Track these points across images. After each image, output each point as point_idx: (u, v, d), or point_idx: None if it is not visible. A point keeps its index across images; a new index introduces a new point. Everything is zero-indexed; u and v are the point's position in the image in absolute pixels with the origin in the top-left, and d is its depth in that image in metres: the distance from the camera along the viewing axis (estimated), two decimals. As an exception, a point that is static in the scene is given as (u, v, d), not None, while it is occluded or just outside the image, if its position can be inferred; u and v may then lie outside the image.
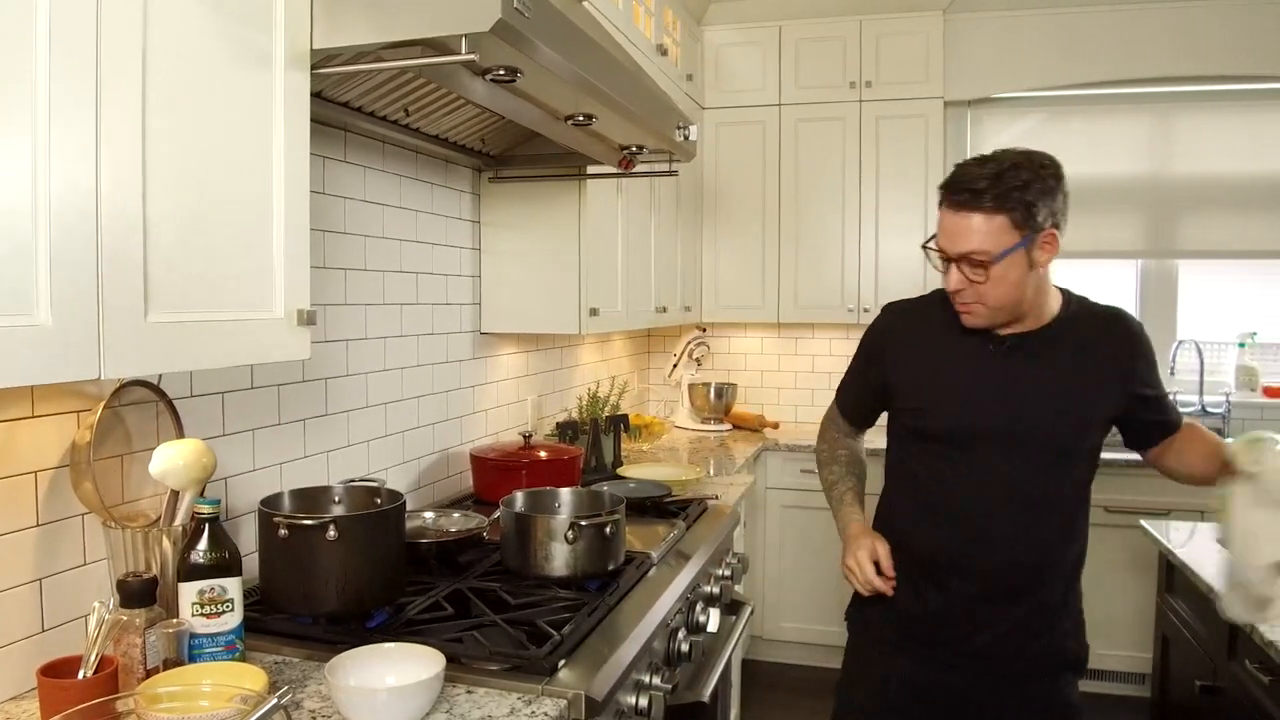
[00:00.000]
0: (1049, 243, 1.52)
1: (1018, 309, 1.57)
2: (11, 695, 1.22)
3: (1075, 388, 1.58)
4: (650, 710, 1.47)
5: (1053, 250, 1.54)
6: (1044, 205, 1.49)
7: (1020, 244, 1.48)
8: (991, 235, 1.48)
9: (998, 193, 1.47)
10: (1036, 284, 1.56)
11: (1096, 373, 1.58)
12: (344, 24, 1.27)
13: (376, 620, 1.48)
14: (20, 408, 1.23)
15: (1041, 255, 1.53)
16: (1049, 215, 1.50)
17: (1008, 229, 1.48)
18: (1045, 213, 1.49)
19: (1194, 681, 2.13)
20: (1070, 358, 1.58)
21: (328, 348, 1.90)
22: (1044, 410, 1.57)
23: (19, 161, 0.87)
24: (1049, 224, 1.51)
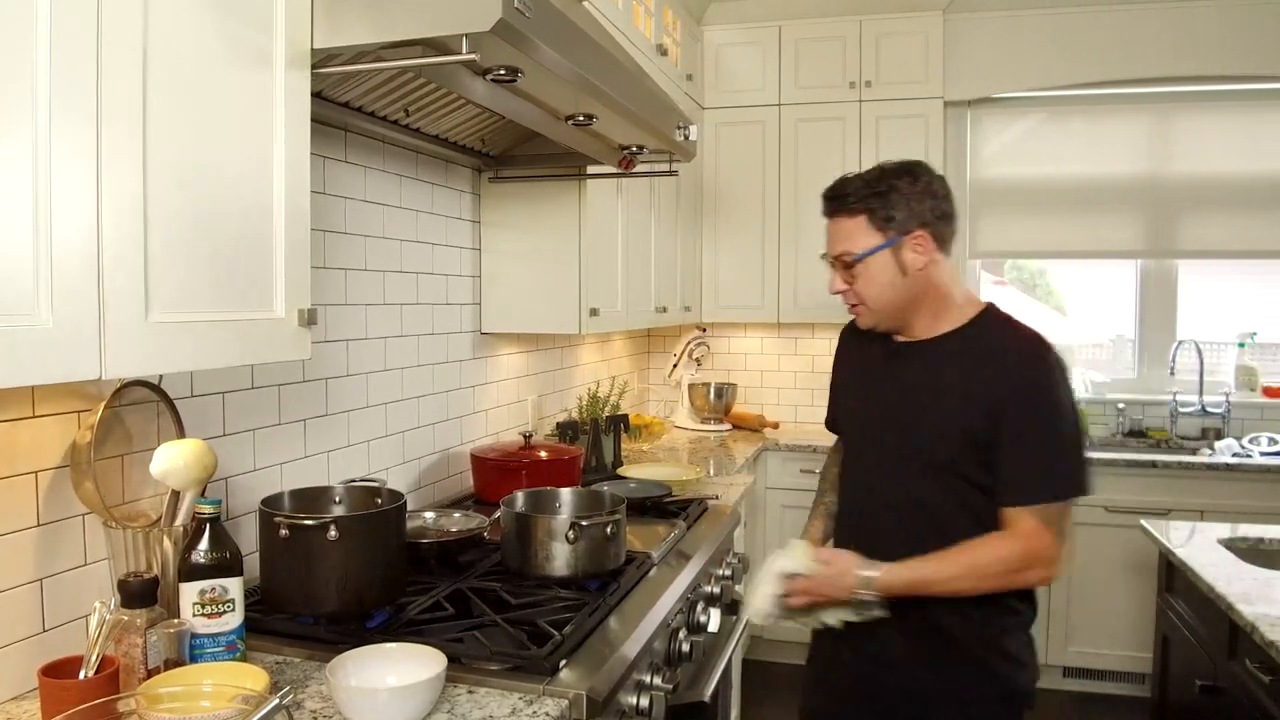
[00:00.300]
0: (920, 246, 1.53)
1: (900, 311, 1.58)
2: (12, 695, 1.22)
3: (942, 401, 1.55)
4: (651, 710, 1.47)
5: (926, 253, 1.54)
6: (904, 207, 1.52)
7: (884, 244, 1.53)
8: (854, 236, 1.56)
9: (858, 196, 1.55)
10: (921, 288, 1.56)
11: (965, 392, 1.53)
12: (344, 24, 1.27)
13: (377, 620, 1.48)
14: (21, 408, 1.23)
15: (914, 257, 1.54)
16: (912, 217, 1.52)
17: (868, 229, 1.54)
18: (906, 214, 1.52)
19: (1194, 681, 2.13)
20: (952, 371, 1.55)
21: (328, 348, 1.90)
22: (909, 416, 1.58)
23: (20, 160, 0.87)
24: (915, 226, 1.53)
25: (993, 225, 4.13)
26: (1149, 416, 3.98)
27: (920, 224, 1.53)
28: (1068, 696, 3.58)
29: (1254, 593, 1.92)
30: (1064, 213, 4.03)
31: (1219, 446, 3.61)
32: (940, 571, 1.50)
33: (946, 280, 1.59)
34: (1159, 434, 3.91)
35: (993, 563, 1.49)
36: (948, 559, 1.49)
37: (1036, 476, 1.47)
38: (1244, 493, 3.41)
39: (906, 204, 1.53)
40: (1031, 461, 1.47)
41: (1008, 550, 1.48)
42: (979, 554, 1.49)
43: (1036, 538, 1.46)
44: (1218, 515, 3.32)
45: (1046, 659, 3.59)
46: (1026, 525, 1.47)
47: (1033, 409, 1.47)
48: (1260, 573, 2.07)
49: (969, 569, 1.49)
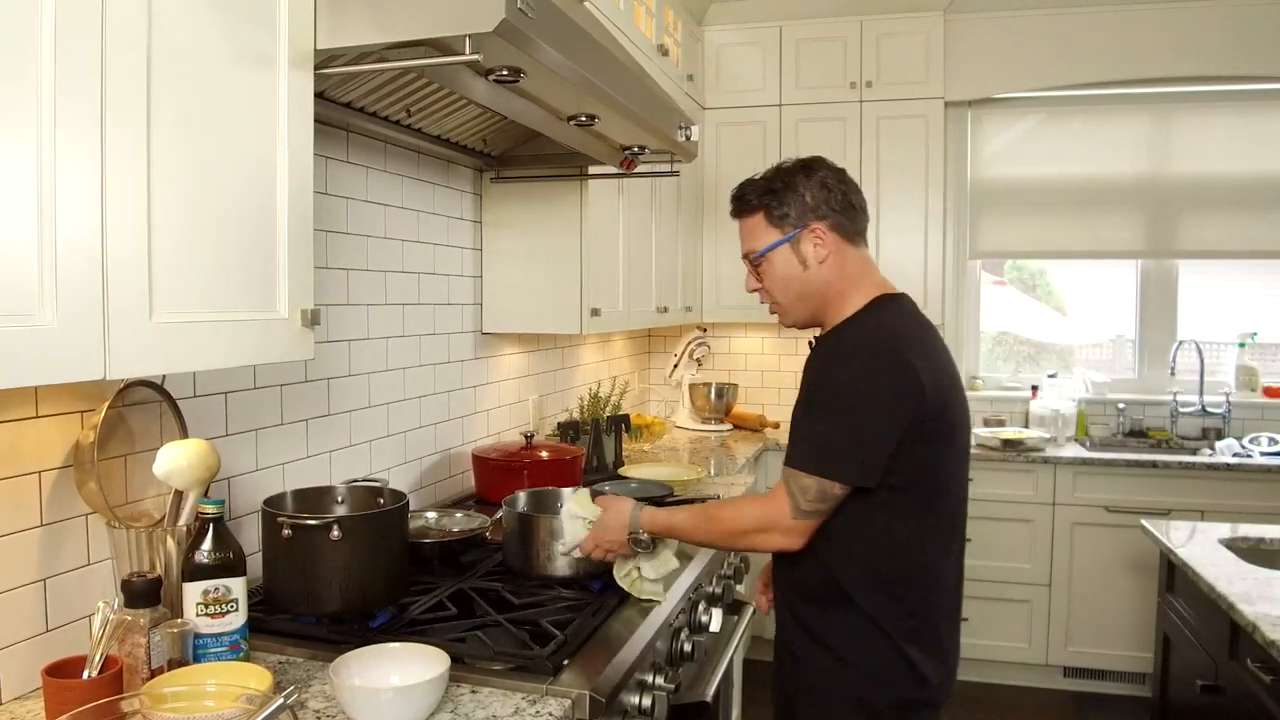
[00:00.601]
0: (818, 239, 1.53)
1: (809, 305, 1.59)
2: (16, 695, 1.22)
3: (802, 382, 1.56)
4: (654, 710, 1.47)
5: (825, 246, 1.54)
6: (797, 201, 1.53)
7: (782, 240, 1.55)
8: (753, 234, 1.59)
9: (755, 194, 1.58)
10: (825, 281, 1.55)
11: (807, 374, 1.55)
12: (347, 24, 1.27)
13: (380, 620, 1.48)
14: (24, 408, 1.23)
15: (813, 250, 1.54)
16: (807, 211, 1.53)
17: (764, 226, 1.56)
18: (800, 208, 1.53)
19: (1195, 681, 2.13)
20: (818, 357, 1.56)
21: (330, 348, 1.90)
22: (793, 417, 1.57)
23: (24, 162, 0.87)
24: (811, 219, 1.53)
25: (993, 225, 4.13)
26: (1149, 416, 3.98)
27: (817, 217, 1.53)
28: (1068, 696, 3.58)
29: (1255, 592, 1.93)
30: (1065, 213, 4.04)
31: (1219, 446, 3.61)
32: (687, 520, 1.57)
33: (853, 273, 1.57)
34: (1159, 434, 3.92)
35: (735, 518, 1.52)
36: (699, 510, 1.60)
37: (794, 443, 1.48)
38: (1244, 493, 3.41)
39: (800, 199, 1.54)
40: (797, 429, 1.49)
41: (751, 509, 1.51)
42: (725, 509, 1.56)
43: (776, 502, 1.46)
44: (1218, 515, 3.32)
45: (1047, 659, 3.60)
46: (776, 488, 1.48)
47: (818, 386, 1.48)
48: (1261, 572, 2.07)
49: (711, 520, 1.55)
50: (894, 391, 1.41)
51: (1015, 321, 4.31)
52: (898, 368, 1.42)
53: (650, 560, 1.65)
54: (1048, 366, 4.19)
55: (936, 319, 3.75)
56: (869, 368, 1.44)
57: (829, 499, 1.43)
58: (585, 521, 1.64)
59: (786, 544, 1.47)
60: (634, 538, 1.60)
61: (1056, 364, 4.21)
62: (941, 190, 3.78)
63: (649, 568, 1.65)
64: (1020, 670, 3.66)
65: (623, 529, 1.60)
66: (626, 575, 1.66)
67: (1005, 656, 3.63)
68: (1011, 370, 4.26)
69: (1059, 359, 4.24)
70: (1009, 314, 4.31)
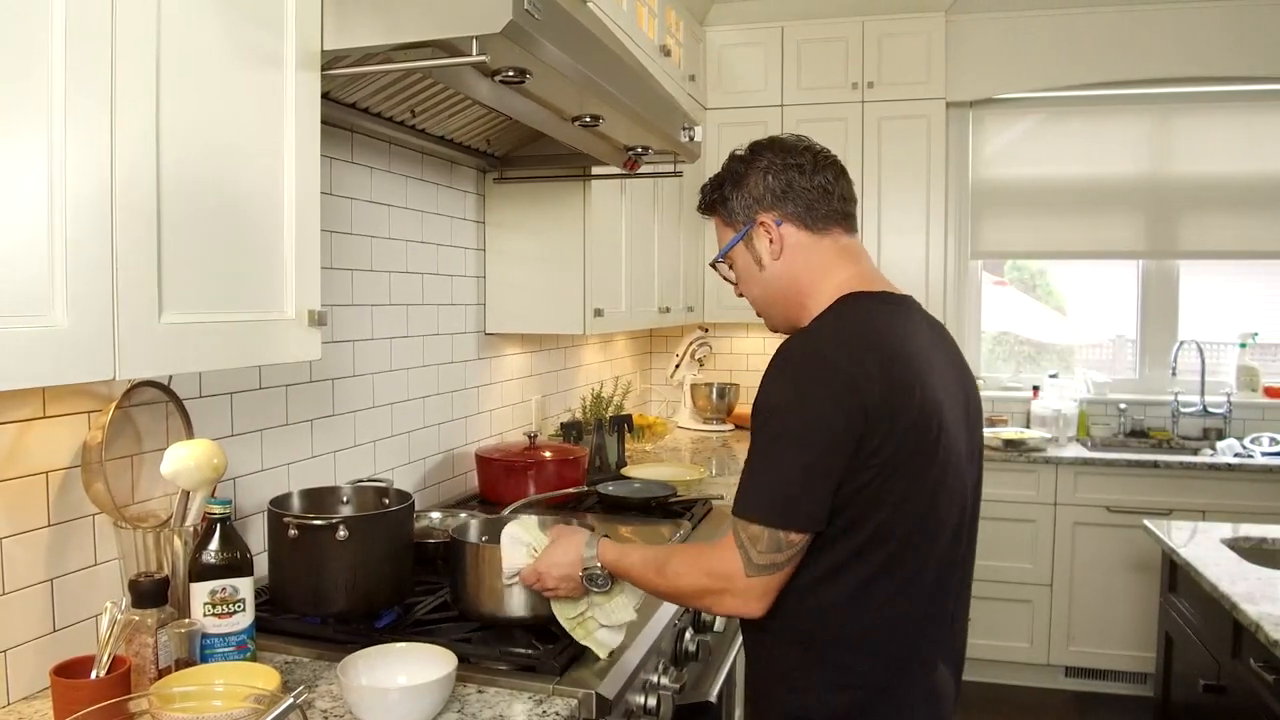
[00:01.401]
0: (767, 232, 1.34)
1: (780, 307, 1.39)
2: (24, 695, 1.22)
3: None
4: (659, 709, 1.48)
5: (777, 241, 1.34)
6: (736, 195, 1.37)
7: (736, 239, 1.38)
8: (718, 234, 1.45)
9: (706, 196, 1.44)
10: (789, 278, 1.35)
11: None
12: (354, 25, 1.27)
13: (385, 620, 1.48)
14: (32, 408, 1.24)
15: (764, 247, 1.35)
16: (752, 203, 1.35)
17: (723, 227, 1.42)
18: (743, 201, 1.36)
19: (1198, 681, 2.13)
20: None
21: (335, 348, 1.91)
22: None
23: (35, 163, 0.87)
24: (757, 211, 1.35)
25: (994, 226, 4.13)
26: (1150, 417, 3.98)
27: (763, 208, 1.35)
28: (1070, 696, 3.59)
29: (1257, 592, 1.93)
30: (1066, 213, 4.04)
31: (1220, 447, 3.62)
32: (638, 564, 1.33)
33: (819, 268, 1.34)
34: (1160, 434, 3.92)
35: (684, 573, 1.27)
36: (652, 557, 1.32)
37: (738, 489, 1.23)
38: (1245, 493, 3.41)
39: (744, 191, 1.36)
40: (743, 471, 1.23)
41: (701, 564, 1.25)
42: (676, 560, 1.29)
43: (726, 557, 1.21)
44: (1219, 515, 3.32)
45: (1049, 659, 3.60)
46: (725, 540, 1.23)
47: (753, 413, 1.24)
48: (1263, 572, 2.08)
49: (660, 573, 1.30)
50: (830, 410, 1.16)
51: (1016, 321, 4.32)
52: (830, 379, 1.17)
53: (606, 603, 1.38)
54: (1048, 366, 4.20)
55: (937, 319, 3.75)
56: (800, 387, 1.19)
57: (786, 549, 1.17)
58: (529, 549, 1.40)
59: (744, 609, 1.22)
60: (589, 573, 1.35)
61: (1057, 364, 4.21)
62: (943, 190, 3.78)
63: (604, 612, 1.38)
64: (1022, 670, 3.67)
65: (575, 562, 1.36)
66: (575, 618, 1.39)
67: (1007, 656, 3.64)
68: (1012, 370, 4.26)
69: (1059, 359, 4.25)
70: (1009, 314, 4.32)
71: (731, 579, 1.20)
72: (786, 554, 1.18)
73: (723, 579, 1.21)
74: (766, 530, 1.17)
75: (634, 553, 1.36)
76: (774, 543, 1.17)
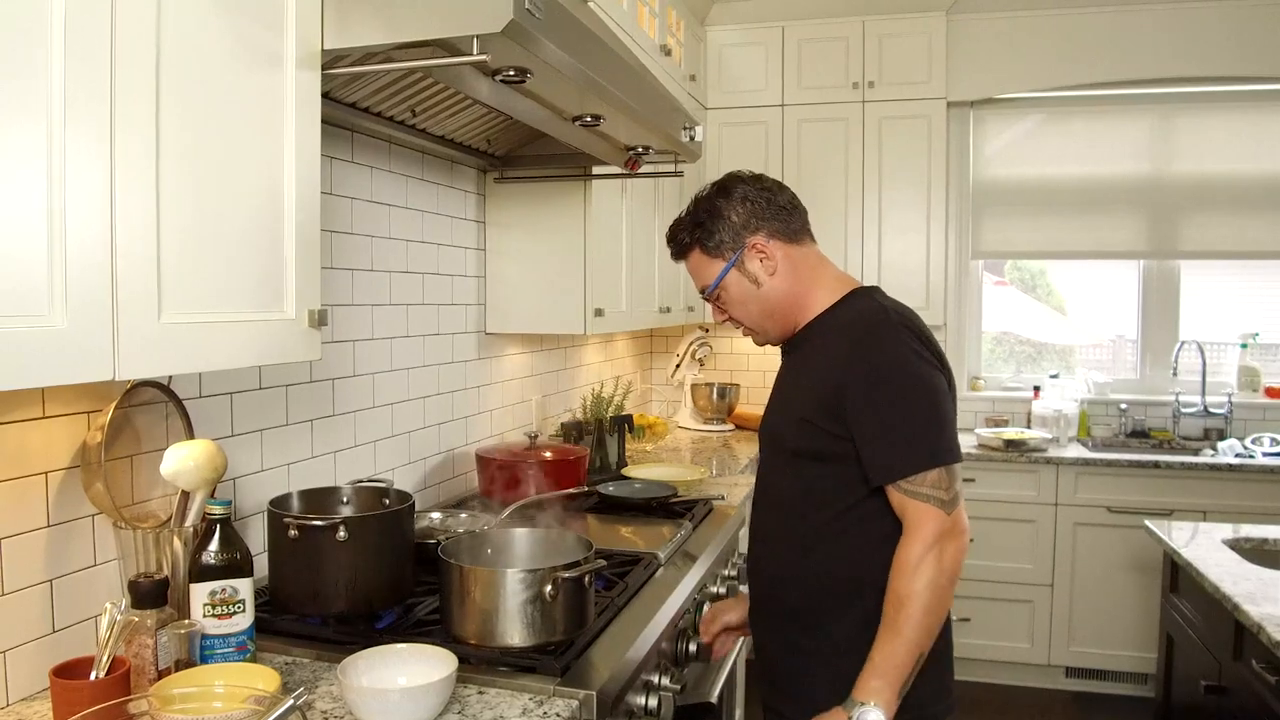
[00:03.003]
0: (761, 253, 1.50)
1: (778, 318, 1.55)
2: (23, 696, 1.22)
3: (798, 383, 1.52)
4: (660, 710, 1.47)
5: (771, 259, 1.50)
6: (724, 227, 1.50)
7: (727, 267, 1.52)
8: (699, 271, 1.56)
9: (684, 235, 1.56)
10: (784, 289, 1.52)
11: (812, 371, 1.47)
12: (354, 24, 1.27)
13: (385, 621, 1.48)
14: (31, 408, 1.23)
15: (759, 267, 1.51)
16: (740, 230, 1.50)
17: (707, 261, 1.54)
18: (730, 231, 1.50)
19: (1199, 681, 2.13)
20: (811, 355, 1.50)
21: (335, 348, 1.90)
22: (777, 405, 1.57)
23: (34, 162, 0.87)
24: (746, 236, 1.50)
25: (995, 226, 4.13)
26: (1151, 417, 3.98)
27: (750, 231, 1.50)
28: (1071, 696, 3.59)
29: (1259, 593, 1.93)
30: (1066, 213, 4.04)
31: (1221, 447, 3.61)
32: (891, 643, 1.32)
33: (809, 273, 1.53)
34: (1161, 434, 3.92)
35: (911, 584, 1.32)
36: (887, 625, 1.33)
37: (882, 450, 1.36)
38: (1246, 493, 3.41)
39: (727, 221, 1.50)
40: (871, 430, 1.37)
41: (911, 555, 1.33)
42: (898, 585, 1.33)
43: (923, 521, 1.33)
44: (1220, 515, 3.32)
45: (1050, 659, 3.60)
46: (908, 514, 1.35)
47: (868, 387, 1.37)
48: (1265, 573, 2.07)
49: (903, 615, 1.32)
50: (931, 370, 1.39)
51: (1016, 322, 4.32)
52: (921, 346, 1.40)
53: None
54: (1048, 367, 4.20)
55: (938, 319, 3.75)
56: (903, 347, 1.38)
57: (957, 478, 1.36)
58: None
59: (962, 542, 1.35)
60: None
61: (1057, 364, 4.21)
62: (943, 190, 3.78)
63: None
64: (1022, 670, 3.67)
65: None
66: None
67: (1007, 657, 3.63)
68: (1013, 370, 4.26)
69: (1059, 359, 4.24)
70: (1010, 314, 4.32)
71: (941, 528, 1.33)
72: (959, 481, 1.37)
73: (936, 537, 1.33)
74: (941, 470, 1.34)
75: (877, 653, 1.33)
76: (950, 476, 1.36)
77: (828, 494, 1.44)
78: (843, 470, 1.42)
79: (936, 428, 1.37)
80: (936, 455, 1.35)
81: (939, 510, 1.33)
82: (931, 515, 1.33)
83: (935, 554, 1.33)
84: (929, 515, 1.33)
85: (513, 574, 1.32)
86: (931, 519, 1.33)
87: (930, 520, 1.33)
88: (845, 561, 1.43)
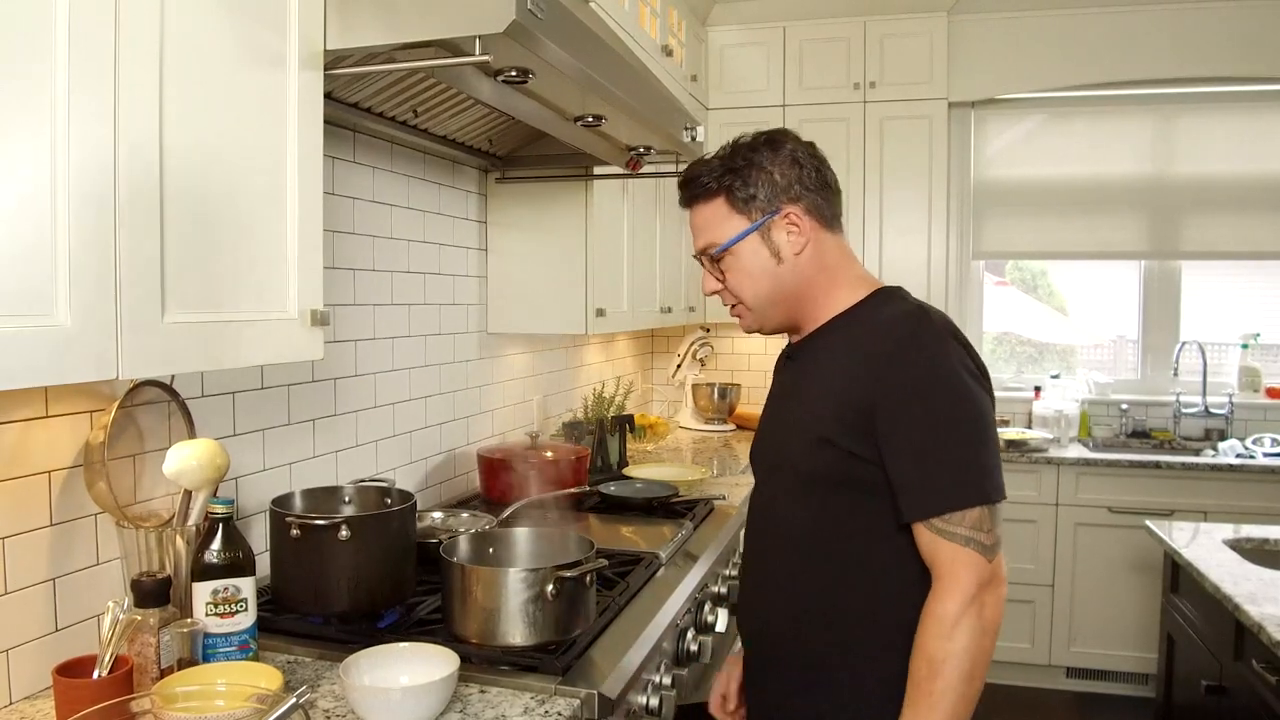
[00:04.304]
0: (792, 225, 1.28)
1: (785, 306, 1.32)
2: (26, 694, 1.22)
3: (810, 396, 1.29)
4: (661, 709, 1.48)
5: (800, 234, 1.28)
6: (766, 181, 1.28)
7: (750, 229, 1.28)
8: (715, 224, 1.31)
9: (713, 176, 1.31)
10: (805, 274, 1.30)
11: (830, 381, 1.26)
12: (357, 25, 1.27)
13: (388, 620, 1.48)
14: (34, 407, 1.24)
15: (786, 240, 1.28)
16: (779, 191, 1.28)
17: (728, 214, 1.30)
18: (770, 189, 1.28)
19: (1199, 682, 2.13)
20: (828, 363, 1.29)
21: (337, 348, 1.91)
22: (790, 423, 1.32)
23: (38, 161, 0.87)
24: (784, 201, 1.28)
25: (996, 226, 4.13)
26: (1152, 417, 3.98)
27: (790, 199, 1.28)
28: (1071, 697, 3.59)
29: (1260, 593, 1.93)
30: (1067, 214, 4.04)
31: (1222, 447, 3.61)
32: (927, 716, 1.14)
33: (834, 265, 1.32)
34: (1162, 435, 3.92)
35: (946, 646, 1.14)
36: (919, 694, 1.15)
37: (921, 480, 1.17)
38: (1247, 493, 3.41)
39: (769, 177, 1.28)
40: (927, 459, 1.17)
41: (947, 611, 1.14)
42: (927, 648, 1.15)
43: (961, 571, 1.15)
44: (1221, 516, 3.32)
45: (1050, 659, 3.60)
46: (943, 559, 1.16)
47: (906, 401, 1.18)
48: (1266, 573, 2.07)
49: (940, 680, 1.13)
50: (977, 389, 1.21)
51: (1017, 322, 4.32)
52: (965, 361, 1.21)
53: None
54: (1049, 367, 4.20)
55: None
56: (952, 366, 1.19)
57: (999, 518, 1.18)
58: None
59: (1002, 592, 1.18)
60: None
61: (1058, 364, 4.21)
62: (945, 191, 3.78)
63: None
64: (1023, 670, 3.67)
65: None
66: None
67: (1008, 657, 3.64)
68: (1014, 371, 4.26)
69: (1060, 359, 4.24)
70: (1011, 314, 4.32)
71: (981, 578, 1.15)
72: (1001, 523, 1.18)
73: (977, 588, 1.15)
74: (984, 509, 1.16)
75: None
76: (994, 517, 1.17)
77: (854, 528, 1.24)
78: (871, 501, 1.22)
79: (983, 457, 1.17)
80: (981, 491, 1.16)
81: (980, 556, 1.15)
82: (971, 562, 1.15)
83: (976, 609, 1.14)
84: (969, 562, 1.15)
85: (514, 573, 1.33)
86: (971, 567, 1.15)
87: (970, 568, 1.15)
88: (877, 605, 1.24)
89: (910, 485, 1.18)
